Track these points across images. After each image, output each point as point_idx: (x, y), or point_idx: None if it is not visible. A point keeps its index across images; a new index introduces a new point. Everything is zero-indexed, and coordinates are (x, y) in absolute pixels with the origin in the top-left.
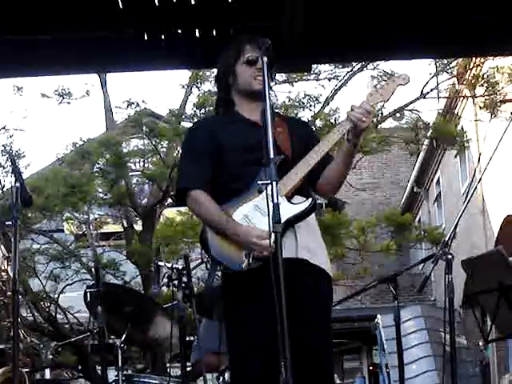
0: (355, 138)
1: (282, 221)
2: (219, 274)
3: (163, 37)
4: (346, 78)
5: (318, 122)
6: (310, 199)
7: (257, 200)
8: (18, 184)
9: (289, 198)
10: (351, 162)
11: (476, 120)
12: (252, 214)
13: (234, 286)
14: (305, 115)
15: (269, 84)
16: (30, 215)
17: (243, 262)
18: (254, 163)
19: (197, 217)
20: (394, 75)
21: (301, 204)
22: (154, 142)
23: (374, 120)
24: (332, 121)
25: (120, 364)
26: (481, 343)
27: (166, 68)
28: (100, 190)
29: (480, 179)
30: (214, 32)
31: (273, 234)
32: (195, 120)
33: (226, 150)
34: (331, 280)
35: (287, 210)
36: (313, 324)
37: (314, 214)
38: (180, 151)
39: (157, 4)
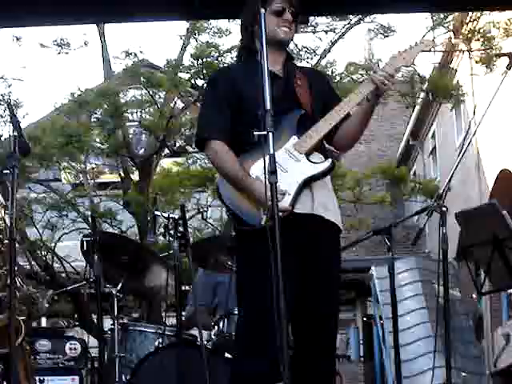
0: (374, 100)
1: (302, 179)
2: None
3: None
4: (343, 30)
5: None
6: (330, 160)
7: (276, 154)
8: (16, 133)
9: (308, 155)
10: (369, 120)
11: (472, 74)
12: None
13: (249, 238)
14: (322, 71)
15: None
16: (27, 164)
17: (262, 219)
18: (274, 115)
19: (215, 167)
20: (418, 40)
21: (320, 164)
22: (151, 93)
23: (371, 72)
24: (329, 73)
25: (116, 313)
26: (474, 296)
27: (164, 19)
28: (97, 139)
29: (475, 132)
30: None
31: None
32: (193, 71)
33: (246, 101)
34: (340, 233)
35: (307, 169)
36: (326, 279)
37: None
38: (202, 98)
39: None
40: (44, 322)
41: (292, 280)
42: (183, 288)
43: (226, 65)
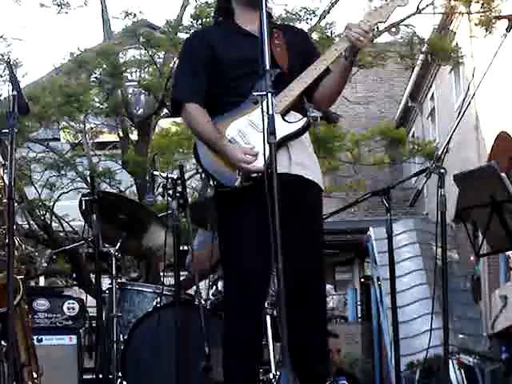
0: (352, 56)
1: (278, 137)
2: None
3: None
4: None
5: (315, 35)
6: (305, 119)
7: (252, 114)
8: (15, 92)
9: (283, 115)
10: (347, 77)
11: (471, 36)
12: (246, 130)
13: (226, 199)
14: (301, 28)
15: None
16: (26, 124)
17: (236, 180)
18: (251, 76)
19: (190, 130)
20: None
21: (295, 123)
22: (150, 53)
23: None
24: (328, 34)
25: (114, 272)
26: (472, 258)
27: None
28: (96, 99)
29: (474, 94)
30: None
31: (267, 146)
32: (192, 31)
33: (222, 62)
34: (322, 192)
35: (281, 128)
36: (307, 239)
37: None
38: (177, 61)
39: None
40: (42, 281)
41: (263, 239)
42: (182, 248)
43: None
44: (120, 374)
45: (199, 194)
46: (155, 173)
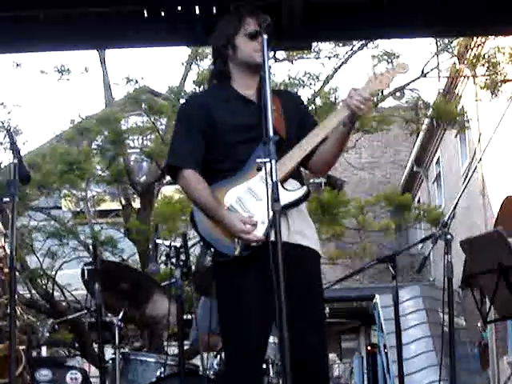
0: (350, 123)
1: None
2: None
3: (163, 13)
4: (346, 56)
5: (318, 101)
6: (305, 188)
7: (251, 182)
8: (16, 160)
9: (282, 182)
10: (345, 144)
11: (476, 100)
12: (245, 197)
13: (224, 267)
14: (305, 93)
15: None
16: (27, 192)
17: (235, 249)
18: (248, 142)
19: (187, 197)
20: (394, 63)
21: (295, 191)
22: (152, 119)
23: (374, 99)
24: (332, 99)
25: (117, 342)
26: (479, 324)
27: (166, 45)
28: (98, 167)
29: (480, 159)
30: (214, 9)
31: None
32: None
33: (219, 128)
34: (320, 258)
35: (281, 197)
36: (308, 310)
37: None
38: (174, 125)
39: None
40: (44, 351)
41: (272, 308)
42: (185, 317)
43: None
44: None
45: (198, 261)
46: (158, 241)
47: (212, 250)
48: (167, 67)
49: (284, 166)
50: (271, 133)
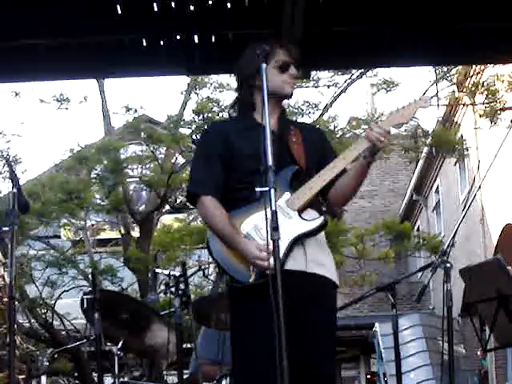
0: (371, 157)
1: (293, 236)
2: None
3: (162, 43)
4: (345, 85)
5: None
6: (322, 218)
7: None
8: (15, 190)
9: (300, 212)
10: (364, 177)
11: (476, 128)
12: (262, 226)
13: (240, 295)
14: (320, 127)
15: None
16: (27, 221)
17: (250, 276)
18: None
19: (205, 223)
20: (417, 98)
21: (312, 221)
22: (151, 148)
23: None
24: (331, 128)
25: (117, 371)
26: (479, 352)
27: (165, 74)
28: (97, 196)
29: (479, 187)
30: (213, 38)
31: (271, 242)
32: (194, 126)
33: (238, 157)
34: (337, 288)
35: (298, 226)
36: (324, 340)
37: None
38: (194, 152)
39: (156, 10)
40: (44, 380)
41: (288, 339)
42: (185, 346)
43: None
44: None
45: (212, 288)
46: (157, 270)
47: (227, 276)
48: (167, 96)
49: (303, 196)
50: (270, 162)
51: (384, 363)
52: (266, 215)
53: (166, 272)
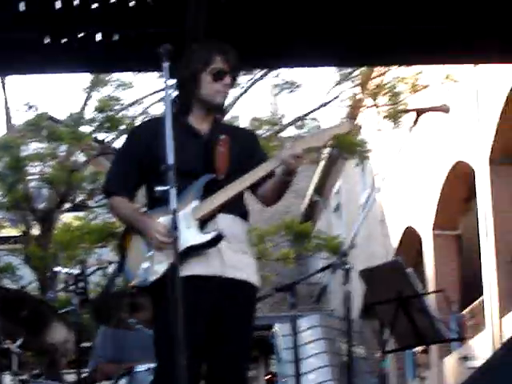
0: (286, 175)
1: (184, 246)
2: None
3: (64, 40)
4: (247, 85)
5: None
6: (214, 233)
7: (181, 213)
8: None
9: (203, 222)
10: (282, 191)
11: (378, 130)
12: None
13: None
14: (252, 131)
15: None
16: None
17: (136, 278)
18: (187, 175)
19: (115, 217)
20: (338, 122)
21: (205, 235)
22: (53, 146)
23: (276, 127)
24: None
25: (16, 369)
26: (379, 354)
27: (67, 71)
28: None
29: (379, 189)
30: (116, 37)
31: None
32: (96, 124)
33: (158, 158)
34: (257, 291)
35: (191, 237)
36: (238, 344)
37: (243, 224)
38: (79, 154)
39: (58, 8)
40: None
41: (201, 343)
42: (83, 345)
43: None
44: None
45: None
46: (57, 268)
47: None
48: (68, 93)
49: (208, 206)
50: (170, 160)
51: (283, 364)
52: (173, 212)
53: (66, 270)
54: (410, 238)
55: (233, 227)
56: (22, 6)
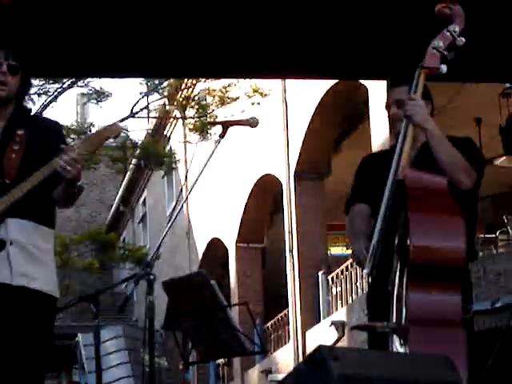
0: (67, 185)
1: None
2: None
3: None
4: (55, 93)
5: None
6: None
7: None
8: None
9: None
10: (69, 199)
11: (185, 141)
12: None
13: None
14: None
15: None
16: None
17: None
18: None
19: None
20: (107, 125)
21: None
22: None
23: (83, 136)
24: None
25: None
26: (181, 365)
27: None
28: None
29: (186, 198)
30: None
31: None
32: None
33: None
34: (53, 301)
35: None
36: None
37: (38, 229)
38: None
39: None
40: None
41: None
42: None
43: None
44: None
45: None
46: None
47: None
48: None
49: None
50: None
51: (86, 374)
52: None
53: None
54: (215, 250)
55: (24, 232)
56: None
